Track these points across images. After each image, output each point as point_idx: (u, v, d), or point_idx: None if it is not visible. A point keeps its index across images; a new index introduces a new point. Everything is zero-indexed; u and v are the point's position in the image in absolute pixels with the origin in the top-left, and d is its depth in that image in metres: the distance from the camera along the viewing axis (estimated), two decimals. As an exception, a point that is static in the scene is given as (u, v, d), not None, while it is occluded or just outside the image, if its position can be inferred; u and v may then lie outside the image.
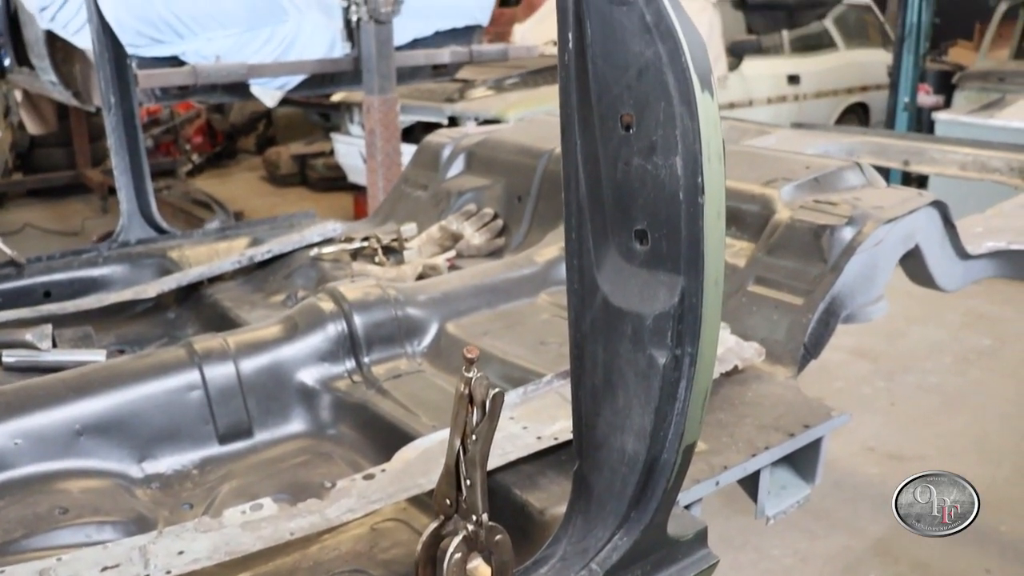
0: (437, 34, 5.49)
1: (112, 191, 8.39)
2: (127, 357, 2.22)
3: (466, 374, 1.19)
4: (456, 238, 2.94)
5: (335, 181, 8.39)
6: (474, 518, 1.24)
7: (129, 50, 4.41)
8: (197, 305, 2.93)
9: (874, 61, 8.35)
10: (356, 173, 7.32)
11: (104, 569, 1.51)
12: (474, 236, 2.94)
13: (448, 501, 1.28)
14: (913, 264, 2.48)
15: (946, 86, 7.48)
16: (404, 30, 5.01)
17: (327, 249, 2.93)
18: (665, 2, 1.12)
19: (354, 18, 4.57)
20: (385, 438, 2.02)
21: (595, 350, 1.29)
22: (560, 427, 1.81)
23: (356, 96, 6.90)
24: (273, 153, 9.26)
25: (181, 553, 1.55)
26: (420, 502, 1.82)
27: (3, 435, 1.92)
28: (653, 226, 1.19)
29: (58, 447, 1.96)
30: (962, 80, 7.28)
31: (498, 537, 1.28)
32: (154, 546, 1.57)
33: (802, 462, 1.93)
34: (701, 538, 1.49)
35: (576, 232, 1.25)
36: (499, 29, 8.84)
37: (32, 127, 7.98)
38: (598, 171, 1.21)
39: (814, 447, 1.88)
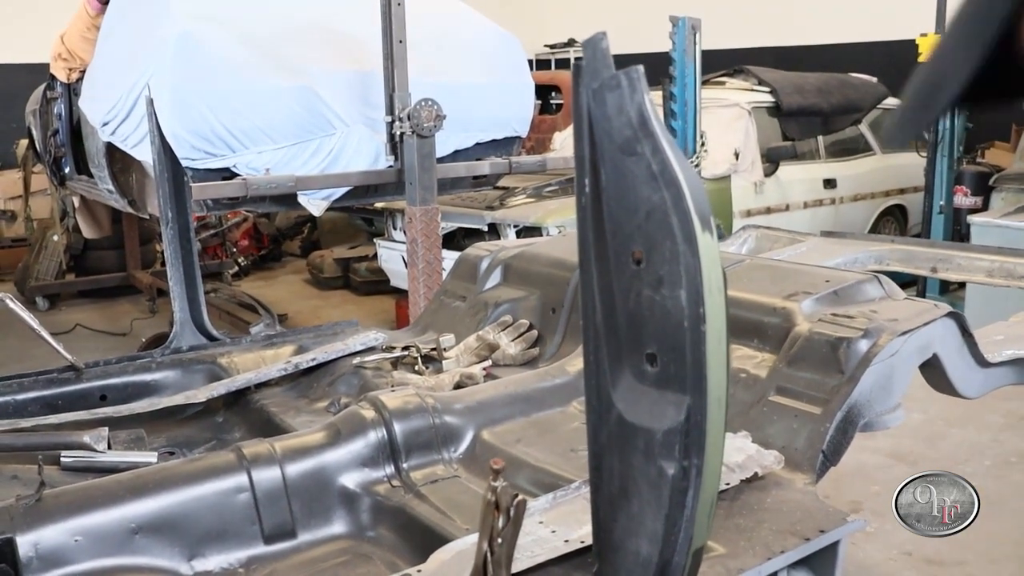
0: (477, 145, 5.74)
1: (161, 292, 8.71)
2: (180, 460, 2.38)
3: (492, 483, 1.34)
4: (492, 348, 3.10)
5: (377, 284, 8.62)
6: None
7: (184, 163, 4.67)
8: (244, 410, 3.10)
9: (910, 164, 8.49)
10: (399, 278, 7.52)
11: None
12: (509, 346, 3.10)
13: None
14: (933, 373, 2.59)
15: (984, 187, 7.61)
16: (446, 142, 5.25)
17: (369, 357, 3.09)
18: (668, 153, 1.28)
19: (398, 132, 4.81)
20: (422, 540, 2.15)
21: (611, 461, 1.43)
22: (587, 531, 1.93)
23: (399, 203, 7.15)
24: (317, 256, 9.54)
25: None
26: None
27: (65, 532, 2.08)
28: (662, 351, 1.34)
29: (115, 545, 2.11)
30: (998, 181, 7.41)
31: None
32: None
33: (820, 566, 2.03)
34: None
35: (594, 355, 1.40)
36: (540, 135, 9.13)
37: (88, 232, 8.32)
38: (613, 300, 1.37)
39: (831, 551, 1.98)
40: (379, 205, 7.55)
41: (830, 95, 8.33)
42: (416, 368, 3.05)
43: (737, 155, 7.46)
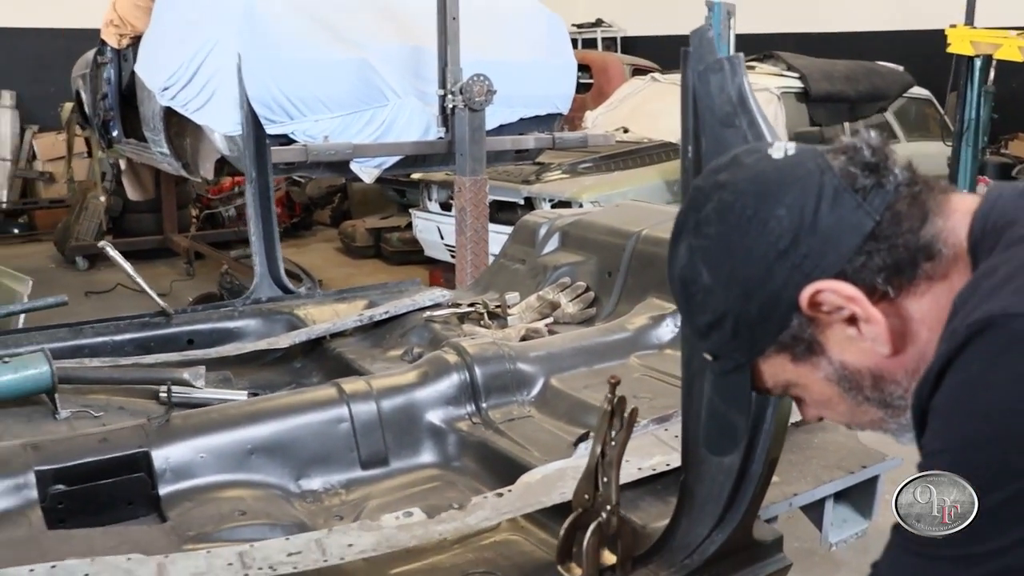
0: (521, 120, 6.03)
1: (199, 256, 9.01)
2: (289, 392, 2.68)
3: (609, 395, 1.62)
4: (553, 307, 3.38)
5: (408, 255, 8.90)
6: (608, 508, 1.66)
7: (241, 128, 4.97)
8: (321, 357, 3.39)
9: (934, 152, 8.73)
10: (433, 248, 7.82)
11: (290, 555, 1.94)
12: (568, 306, 3.38)
13: (586, 496, 1.70)
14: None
15: (1007, 177, 7.85)
16: (492, 117, 5.53)
17: (438, 312, 3.38)
18: (762, 126, 1.56)
19: (449, 106, 5.08)
20: (503, 469, 2.43)
21: (701, 384, 1.71)
22: (656, 461, 2.22)
23: (436, 175, 7.43)
24: (349, 226, 9.82)
25: (350, 545, 1.98)
26: (535, 520, 2.24)
27: (191, 450, 2.38)
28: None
29: (234, 463, 2.41)
30: (1021, 172, 7.66)
31: (624, 527, 1.70)
32: (328, 539, 1.99)
33: (860, 500, 2.32)
34: (778, 544, 1.89)
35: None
36: (571, 114, 9.38)
37: (132, 193, 8.62)
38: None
39: (870, 485, 2.27)
40: (415, 176, 7.83)
41: (857, 83, 8.56)
42: (482, 323, 3.33)
43: (767, 139, 7.71)
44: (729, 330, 1.15)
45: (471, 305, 3.41)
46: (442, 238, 7.55)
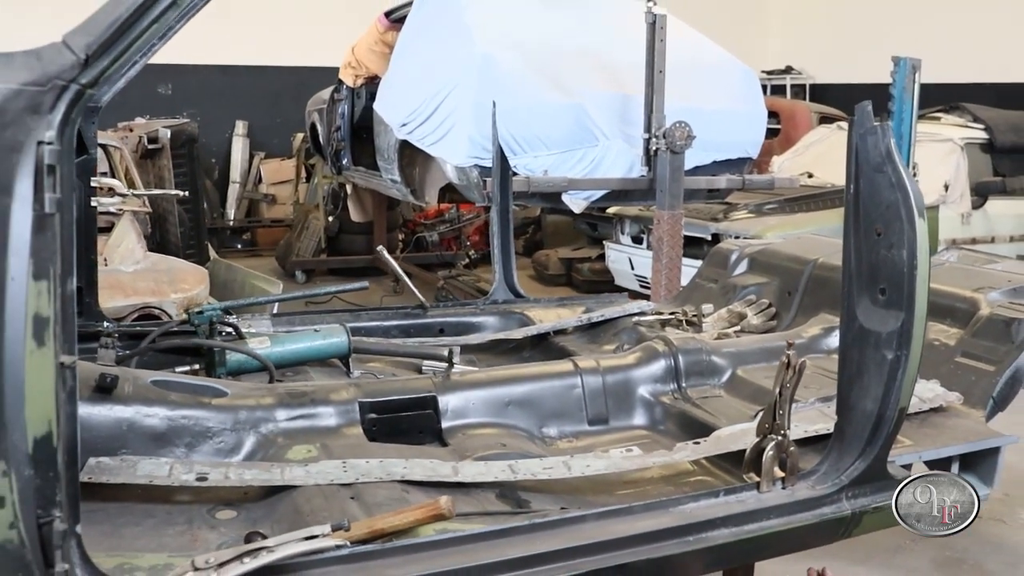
0: (714, 163, 6.85)
1: (408, 275, 10.09)
2: (537, 365, 3.56)
3: (787, 351, 2.42)
4: (740, 318, 4.17)
5: (598, 284, 9.76)
6: (783, 433, 2.46)
7: (471, 160, 5.96)
8: (546, 350, 4.24)
9: (1125, 206, 9.06)
10: (623, 277, 8.67)
11: (545, 468, 2.79)
12: (753, 318, 4.16)
13: (767, 425, 2.50)
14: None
15: None
16: (689, 158, 6.36)
17: (645, 318, 4.20)
18: (903, 173, 2.35)
19: (653, 148, 5.94)
20: (699, 431, 3.22)
21: (854, 352, 2.50)
22: (818, 427, 2.97)
23: (629, 210, 8.30)
24: (543, 255, 10.79)
25: (588, 466, 2.82)
26: (717, 464, 3.00)
27: (464, 399, 3.24)
28: (889, 286, 2.40)
29: (495, 410, 3.27)
30: None
31: (792, 448, 2.49)
32: (572, 461, 2.84)
33: (984, 469, 3.02)
34: (905, 479, 2.64)
35: (847, 288, 2.48)
36: (759, 158, 10.11)
37: (356, 215, 9.83)
38: (861, 255, 2.44)
39: (993, 456, 2.97)
40: (611, 211, 8.71)
41: (1046, 134, 9.03)
42: (681, 328, 4.14)
43: (947, 187, 8.29)
44: None
45: (671, 313, 4.22)
46: (632, 268, 8.40)
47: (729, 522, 2.44)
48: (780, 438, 2.48)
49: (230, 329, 3.64)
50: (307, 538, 1.99)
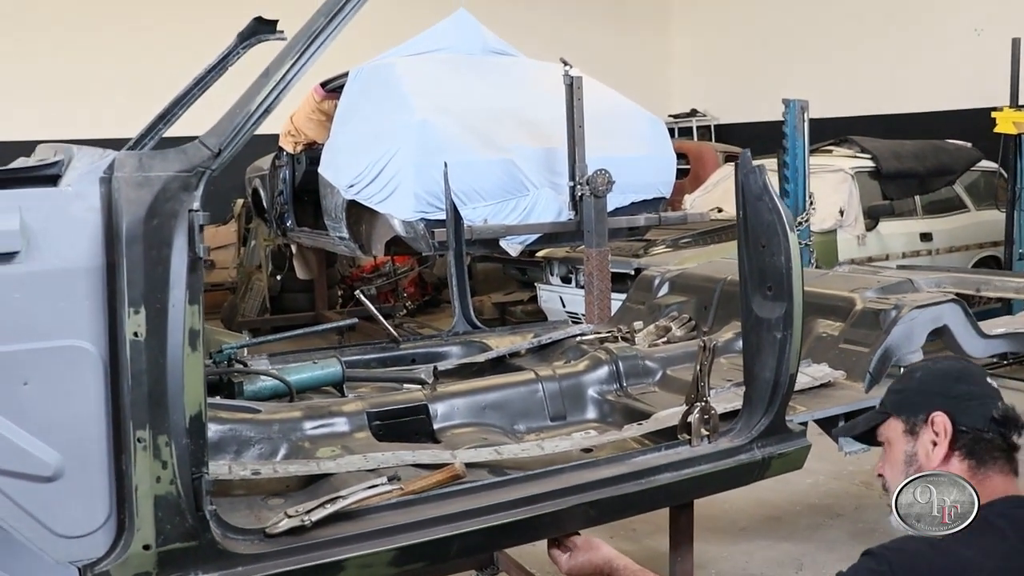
0: (632, 204, 7.81)
1: (351, 328, 10.88)
2: (507, 375, 4.41)
3: (701, 340, 3.30)
4: (666, 331, 5.06)
5: (531, 325, 10.62)
6: (705, 400, 3.34)
7: (417, 215, 6.84)
8: (504, 370, 5.08)
9: (1002, 219, 10.12)
10: (556, 315, 9.50)
11: (524, 450, 3.63)
12: (677, 330, 5.06)
13: (692, 396, 3.38)
14: (946, 339, 4.46)
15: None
16: (609, 201, 7.30)
17: (586, 337, 5.07)
18: (777, 201, 3.26)
19: (579, 194, 6.87)
20: (640, 418, 4.08)
21: (752, 336, 3.40)
22: (733, 405, 3.85)
23: (557, 253, 9.21)
24: (476, 301, 11.64)
25: (556, 446, 3.66)
26: (654, 441, 3.87)
27: (450, 405, 4.04)
28: (774, 284, 3.32)
29: (474, 413, 4.06)
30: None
31: (713, 411, 3.38)
32: (544, 443, 3.68)
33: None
34: (802, 433, 3.55)
35: (744, 288, 3.39)
36: (672, 197, 11.13)
37: (302, 273, 10.60)
38: (752, 263, 3.35)
39: (868, 417, 3.88)
40: (540, 254, 9.60)
41: (925, 159, 10.10)
42: (617, 344, 5.02)
43: (842, 212, 9.33)
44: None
45: (608, 332, 5.11)
46: (564, 306, 9.28)
47: (670, 468, 3.32)
48: (703, 404, 3.37)
49: (240, 365, 4.43)
50: (370, 487, 2.81)
